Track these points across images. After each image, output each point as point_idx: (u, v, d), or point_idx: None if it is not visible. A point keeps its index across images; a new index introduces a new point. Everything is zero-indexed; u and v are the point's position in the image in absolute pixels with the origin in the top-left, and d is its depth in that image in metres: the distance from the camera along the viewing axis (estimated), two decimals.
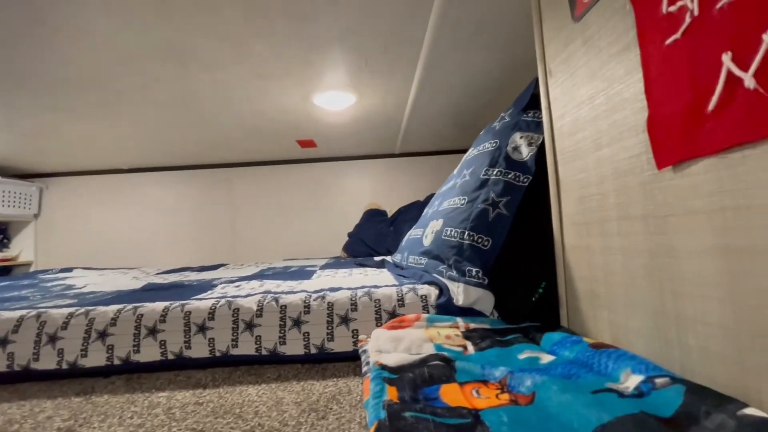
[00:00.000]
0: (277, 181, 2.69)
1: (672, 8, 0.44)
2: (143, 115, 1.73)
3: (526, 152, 0.89)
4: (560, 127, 0.74)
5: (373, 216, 2.40)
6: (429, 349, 0.66)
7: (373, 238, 2.16)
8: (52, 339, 0.82)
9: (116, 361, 0.81)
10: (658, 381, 0.44)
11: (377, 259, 1.74)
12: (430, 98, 1.67)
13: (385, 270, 1.35)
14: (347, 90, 1.57)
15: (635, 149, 0.53)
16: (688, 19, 0.42)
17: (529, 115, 0.94)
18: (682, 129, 0.44)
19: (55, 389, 0.76)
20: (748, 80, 0.36)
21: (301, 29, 1.12)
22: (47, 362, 0.81)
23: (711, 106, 0.40)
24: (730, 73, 0.38)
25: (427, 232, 1.09)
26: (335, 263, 1.76)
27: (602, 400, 0.43)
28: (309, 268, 1.60)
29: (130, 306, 0.87)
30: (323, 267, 1.60)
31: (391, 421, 0.41)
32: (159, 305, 0.87)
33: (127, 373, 0.82)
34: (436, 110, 1.84)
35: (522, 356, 0.63)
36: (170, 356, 0.82)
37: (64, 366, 0.81)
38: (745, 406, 0.36)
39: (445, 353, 0.64)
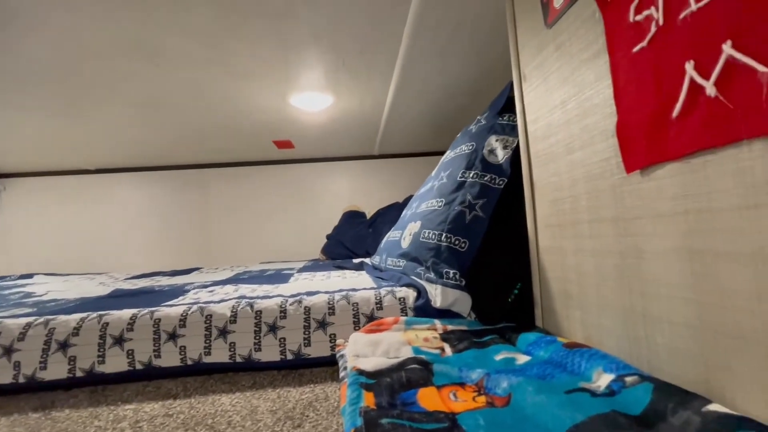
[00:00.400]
0: (254, 183, 2.63)
1: (639, 17, 0.46)
2: (112, 114, 1.66)
3: (501, 155, 0.90)
4: (534, 131, 0.76)
5: (352, 218, 2.38)
6: (407, 353, 0.66)
7: (352, 239, 2.15)
8: (8, 351, 0.77)
9: (79, 373, 0.77)
10: (628, 379, 0.45)
11: (356, 261, 1.73)
12: (408, 100, 1.67)
13: (363, 272, 1.34)
14: (325, 91, 1.56)
15: (605, 153, 0.55)
16: (653, 29, 0.44)
17: (505, 118, 0.95)
18: (648, 134, 0.45)
19: (11, 405, 0.71)
20: (710, 88, 0.37)
21: (276, 28, 1.10)
22: (2, 376, 0.76)
23: (675, 112, 0.41)
24: (692, 81, 0.39)
25: (405, 234, 1.09)
26: (313, 266, 1.73)
27: (575, 400, 0.43)
28: (286, 271, 1.57)
29: (94, 314, 0.83)
30: (301, 270, 1.57)
31: (367, 429, 0.41)
32: (126, 313, 0.83)
33: (91, 386, 0.78)
34: (415, 112, 1.84)
35: (498, 357, 0.64)
36: (138, 366, 0.79)
37: (21, 380, 0.76)
38: (709, 402, 0.37)
39: (423, 356, 0.64)
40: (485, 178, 0.90)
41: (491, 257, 0.85)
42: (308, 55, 1.26)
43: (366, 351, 0.68)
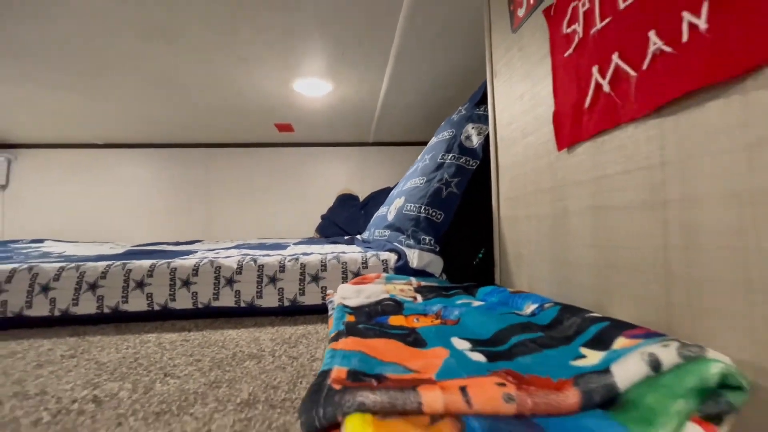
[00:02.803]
0: (254, 164, 2.75)
1: (569, 30, 0.59)
2: (124, 90, 1.76)
3: (476, 140, 1.04)
4: (501, 120, 0.89)
5: (346, 200, 2.52)
6: (385, 297, 0.80)
7: (345, 220, 2.29)
8: (45, 289, 0.90)
9: (106, 310, 0.90)
10: (546, 305, 0.59)
11: (347, 237, 1.87)
12: (401, 92, 1.80)
13: (353, 245, 1.48)
14: (325, 77, 1.68)
15: (547, 137, 0.69)
16: (576, 39, 0.57)
17: (481, 109, 1.09)
18: (572, 120, 0.59)
19: (49, 333, 0.84)
20: (606, 86, 0.51)
21: (283, 18, 1.22)
22: (40, 309, 0.89)
23: (587, 104, 0.55)
24: (597, 81, 0.53)
25: (391, 208, 1.23)
26: (308, 241, 1.87)
27: (504, 318, 0.58)
28: (283, 243, 1.70)
29: (118, 262, 0.96)
30: (297, 243, 1.71)
31: (347, 329, 0.55)
32: (146, 262, 0.96)
33: (116, 322, 0.91)
34: (407, 103, 1.97)
35: (459, 302, 0.78)
36: (156, 307, 0.92)
37: (56, 313, 0.89)
38: (591, 312, 0.51)
39: (397, 299, 0.78)
40: (461, 160, 1.03)
41: (461, 227, 0.99)
42: (312, 43, 1.38)
43: (351, 295, 0.82)
